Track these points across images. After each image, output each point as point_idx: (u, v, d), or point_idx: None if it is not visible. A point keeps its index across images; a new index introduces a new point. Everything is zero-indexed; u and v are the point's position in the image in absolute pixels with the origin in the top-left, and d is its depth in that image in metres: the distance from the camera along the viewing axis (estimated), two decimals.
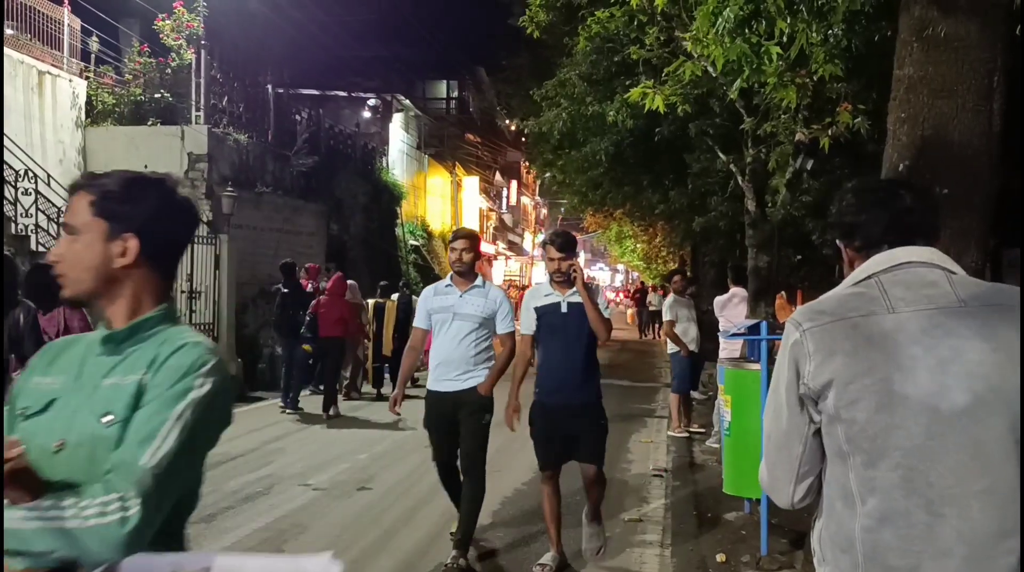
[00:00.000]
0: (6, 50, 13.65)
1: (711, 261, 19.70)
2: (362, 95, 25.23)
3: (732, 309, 8.77)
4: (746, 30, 5.74)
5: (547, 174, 20.38)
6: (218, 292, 14.52)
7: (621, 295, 46.88)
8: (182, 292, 13.78)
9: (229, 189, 14.93)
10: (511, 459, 8.36)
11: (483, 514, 6.35)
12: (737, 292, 8.97)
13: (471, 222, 33.69)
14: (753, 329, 5.87)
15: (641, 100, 6.87)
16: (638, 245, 36.68)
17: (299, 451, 8.76)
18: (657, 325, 23.86)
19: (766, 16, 5.62)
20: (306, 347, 11.18)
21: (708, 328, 9.99)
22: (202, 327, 14.22)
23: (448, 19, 46.08)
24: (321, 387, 11.56)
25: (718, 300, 9.08)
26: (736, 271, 9.35)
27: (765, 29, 5.72)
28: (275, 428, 10.09)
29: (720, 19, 5.62)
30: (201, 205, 14.88)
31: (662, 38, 8.50)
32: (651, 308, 24.51)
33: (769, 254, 9.89)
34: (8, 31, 13.95)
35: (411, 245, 25.08)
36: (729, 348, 7.87)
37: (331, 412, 10.70)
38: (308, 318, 11.24)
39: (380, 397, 12.64)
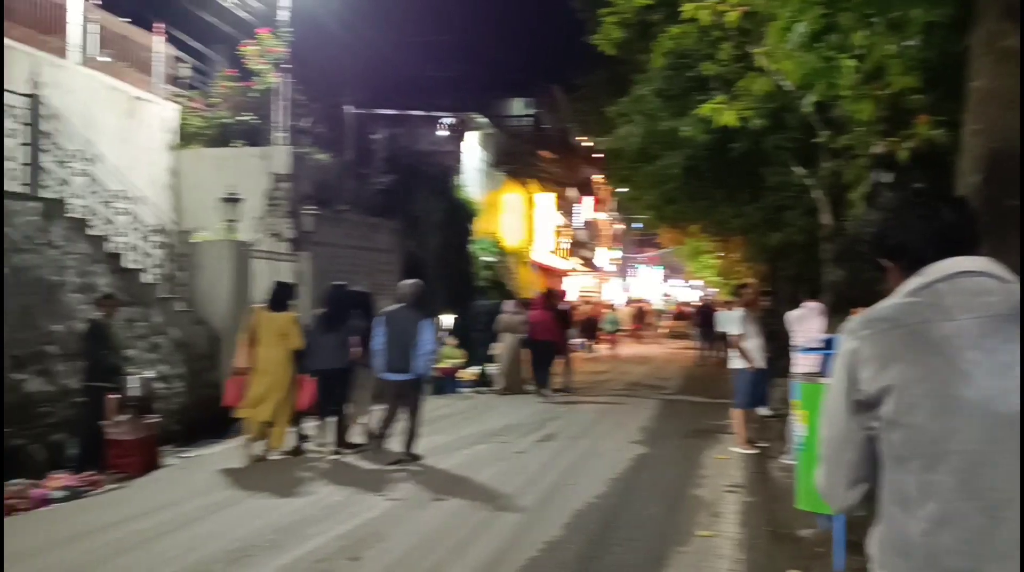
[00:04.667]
0: (103, 76, 14.37)
1: (787, 275, 19.40)
2: (438, 114, 25.64)
3: (806, 324, 8.66)
4: (820, 44, 5.73)
5: (621, 190, 20.42)
6: (299, 308, 14.93)
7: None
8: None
9: (310, 207, 15.38)
10: (582, 473, 8.41)
11: (554, 526, 6.44)
12: (812, 307, 8.85)
13: (545, 239, 33.78)
14: (828, 344, 5.82)
15: (712, 115, 6.90)
16: (714, 260, 36.30)
17: (373, 465, 8.94)
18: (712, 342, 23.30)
19: (840, 30, 5.61)
20: None
21: (781, 343, 9.86)
22: None
23: (524, 38, 46.55)
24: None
25: (791, 315, 8.97)
26: (811, 285, 9.23)
27: (839, 42, 5.71)
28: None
29: (793, 33, 5.63)
30: (283, 223, 15.37)
31: (735, 53, 8.51)
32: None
33: (845, 268, 9.74)
34: (104, 58, 14.68)
35: (485, 261, 25.30)
36: (803, 363, 7.77)
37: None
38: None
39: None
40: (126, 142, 14.70)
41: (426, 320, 8.71)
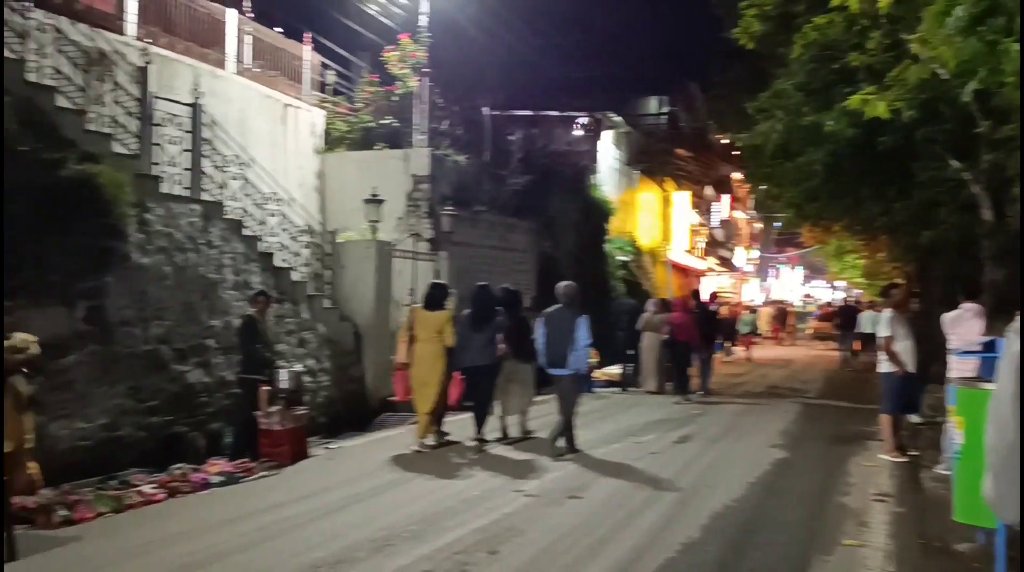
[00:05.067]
0: (257, 85, 15.15)
1: (939, 276, 18.35)
2: (573, 114, 25.67)
3: (963, 326, 8.17)
4: (981, 28, 5.41)
5: (761, 187, 19.85)
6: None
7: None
8: (405, 305, 14.62)
9: (449, 208, 15.71)
10: (720, 475, 8.24)
11: (692, 527, 6.34)
12: (969, 308, 8.34)
13: (681, 238, 33.28)
14: (988, 347, 5.48)
15: (862, 107, 6.62)
16: (859, 260, 34.75)
17: (510, 460, 9.06)
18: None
19: (1004, 12, 5.27)
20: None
21: (933, 347, 9.33)
22: None
23: (659, 36, 45.97)
24: None
25: (948, 317, 8.48)
26: (968, 286, 8.69)
27: (1002, 26, 5.36)
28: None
29: (951, 18, 5.33)
30: (423, 223, 15.76)
31: (885, 42, 8.13)
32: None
33: (1007, 266, 9.13)
34: (257, 69, 15.47)
35: (620, 261, 25.15)
36: (960, 367, 7.34)
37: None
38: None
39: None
40: (277, 147, 15.45)
41: (582, 318, 9.07)
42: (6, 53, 9.01)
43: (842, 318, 23.97)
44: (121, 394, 8.97)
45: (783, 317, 33.31)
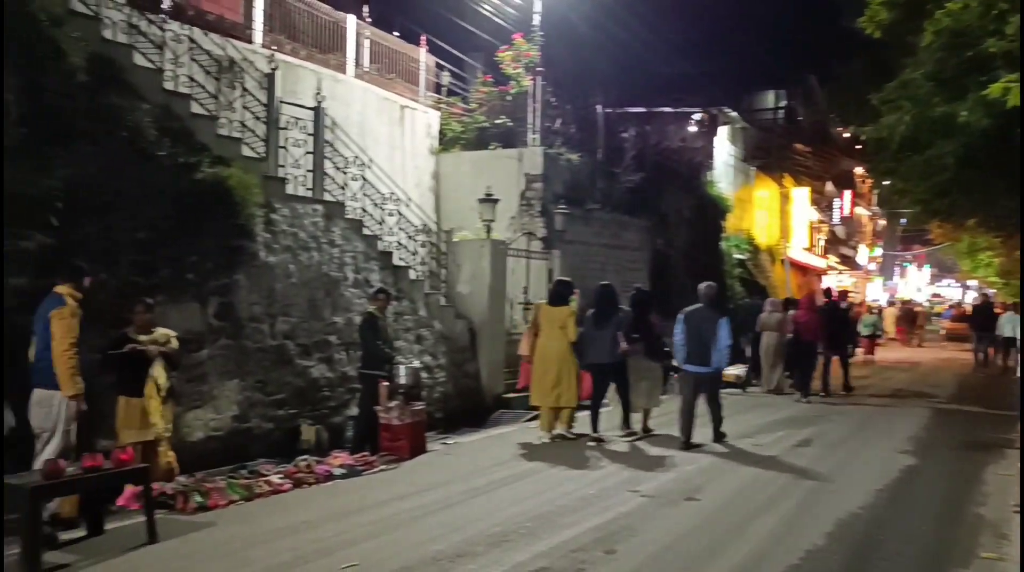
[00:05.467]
0: (375, 88, 15.54)
1: None
2: (687, 110, 25.30)
3: None
4: None
5: (885, 182, 19.09)
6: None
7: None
8: (519, 303, 14.74)
9: (562, 206, 15.74)
10: (843, 481, 7.97)
11: (815, 534, 6.16)
12: None
13: (800, 235, 32.33)
14: None
15: (1003, 96, 6.28)
16: (994, 258, 32.94)
17: (625, 459, 9.01)
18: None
19: None
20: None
21: None
22: None
23: (776, 28, 44.74)
24: None
25: None
26: None
27: None
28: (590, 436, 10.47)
29: None
30: (536, 222, 15.84)
31: None
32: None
33: None
34: (375, 72, 15.87)
35: (736, 259, 24.65)
36: None
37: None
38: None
39: None
40: (395, 148, 15.82)
41: (723, 318, 9.47)
42: (145, 63, 9.54)
43: (978, 319, 22.69)
44: (250, 387, 9.37)
45: (910, 318, 31.82)
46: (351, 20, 15.48)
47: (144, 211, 8.38)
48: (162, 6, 11.13)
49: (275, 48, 13.25)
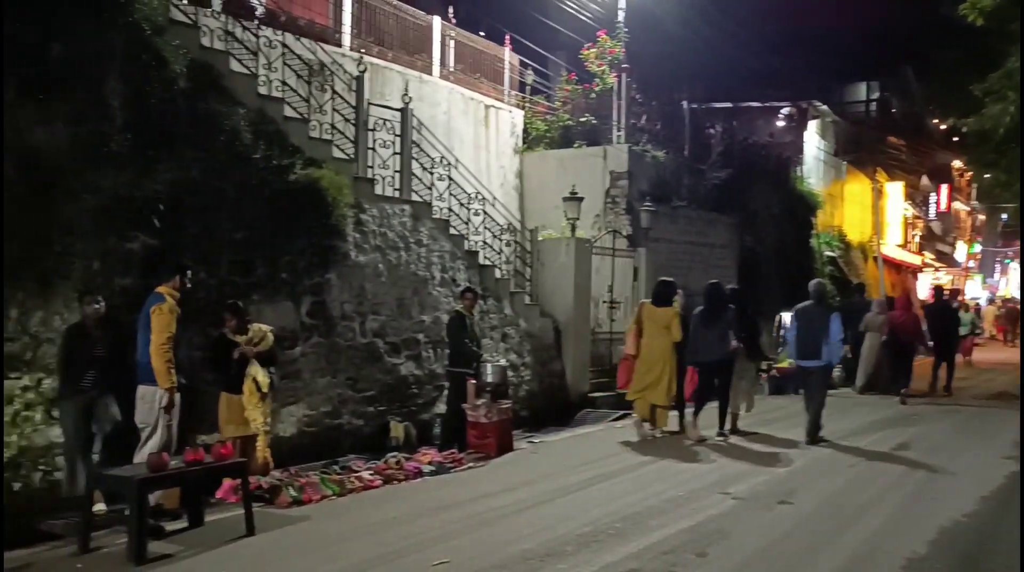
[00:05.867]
0: (461, 88, 15.67)
1: None
2: (776, 104, 24.76)
3: None
4: None
5: (987, 175, 18.35)
6: (635, 302, 15.21)
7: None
8: (604, 302, 14.68)
9: (647, 204, 15.60)
10: (945, 487, 7.69)
11: (916, 541, 5.95)
12: None
13: (894, 231, 31.29)
14: None
15: None
16: None
17: (715, 460, 8.88)
18: None
19: None
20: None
21: None
22: (621, 336, 15.02)
23: (869, 18, 43.37)
24: None
25: None
26: None
27: None
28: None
29: None
30: (621, 220, 15.74)
31: None
32: None
33: None
34: (460, 72, 16.00)
35: (827, 256, 24.01)
36: None
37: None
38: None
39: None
40: (479, 147, 15.92)
41: (834, 314, 9.83)
42: (241, 69, 9.82)
43: None
44: (341, 384, 9.57)
45: (1012, 317, 30.44)
46: (436, 21, 15.65)
47: (241, 212, 8.63)
48: (256, 13, 11.44)
49: (363, 51, 13.48)
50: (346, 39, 13.63)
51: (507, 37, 17.43)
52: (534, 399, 12.50)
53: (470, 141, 15.65)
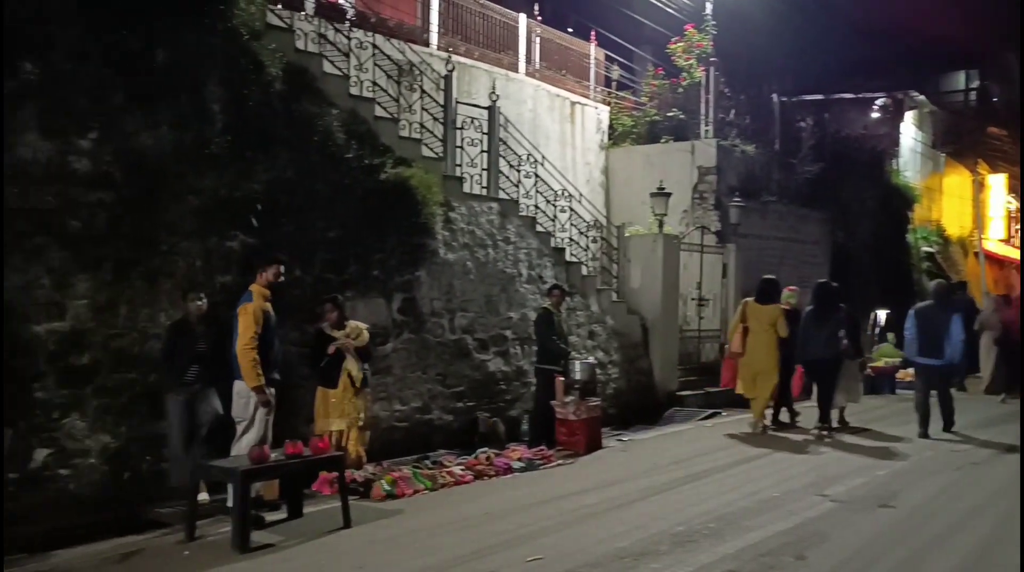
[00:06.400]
0: (547, 85, 15.67)
1: None
2: (870, 95, 24.00)
3: None
4: None
5: None
6: (724, 300, 14.99)
7: None
8: (692, 299, 14.49)
9: (736, 199, 15.33)
10: None
11: None
12: None
13: (996, 225, 30.02)
14: None
15: None
16: None
17: (812, 460, 8.68)
18: None
19: None
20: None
21: None
22: (710, 333, 14.81)
23: (968, 3, 41.67)
24: None
25: None
26: None
27: None
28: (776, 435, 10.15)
29: None
30: (709, 216, 15.50)
31: None
32: None
33: None
34: (546, 69, 16.00)
35: (924, 252, 23.19)
36: None
37: None
38: None
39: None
40: (565, 144, 15.89)
41: (956, 314, 9.97)
42: (334, 71, 10.00)
43: None
44: (431, 379, 9.68)
45: None
46: (522, 19, 15.67)
47: (334, 211, 8.81)
48: (347, 15, 11.65)
49: (450, 50, 13.60)
50: (434, 38, 13.77)
51: (592, 33, 17.34)
52: (622, 397, 12.42)
53: (556, 138, 15.64)
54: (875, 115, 24.23)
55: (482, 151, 12.05)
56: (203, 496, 6.68)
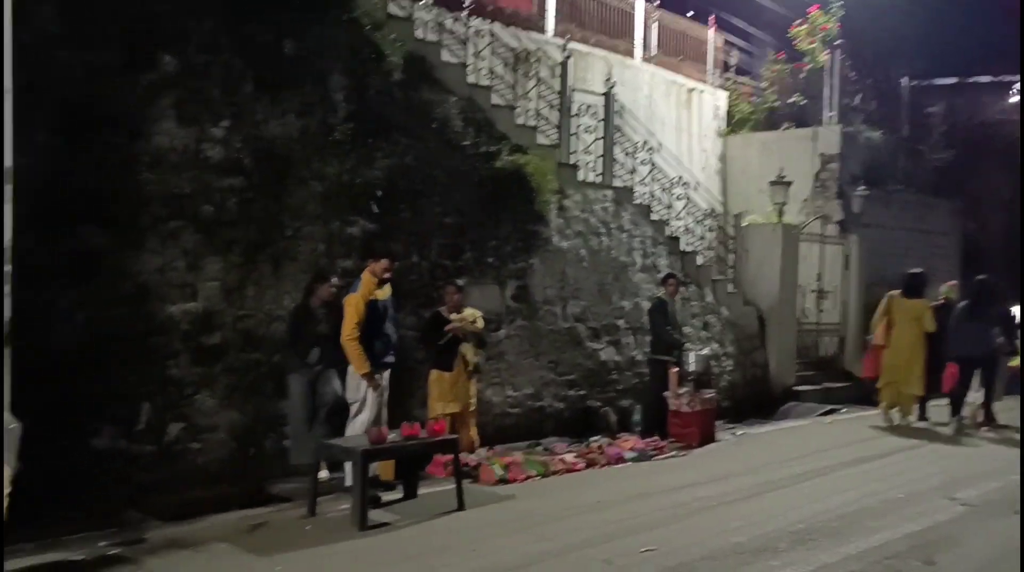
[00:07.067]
0: (663, 71, 15.43)
1: None
2: (1008, 78, 22.64)
3: None
4: None
5: None
6: (846, 292, 14.48)
7: None
8: (812, 291, 14.05)
9: (860, 188, 14.76)
10: None
11: None
12: None
13: None
14: None
15: None
16: None
17: (943, 461, 8.30)
18: None
19: None
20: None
21: None
22: (829, 327, 14.34)
23: None
24: None
25: None
26: None
27: None
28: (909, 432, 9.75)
29: None
30: (831, 205, 14.98)
31: None
32: None
33: None
34: (663, 55, 15.75)
35: None
36: None
37: None
38: None
39: None
40: (682, 131, 15.61)
41: None
42: (452, 59, 10.12)
43: None
44: (543, 367, 9.70)
45: None
46: (639, 4, 15.45)
47: (451, 197, 8.92)
48: (464, 4, 11.74)
49: (566, 37, 13.54)
50: (550, 25, 13.72)
51: (711, 17, 16.94)
52: (736, 390, 12.18)
53: (672, 124, 15.38)
54: (1014, 99, 22.84)
55: (597, 138, 11.98)
56: (323, 474, 6.88)
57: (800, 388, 12.87)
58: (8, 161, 5.57)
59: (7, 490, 4.48)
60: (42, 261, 6.02)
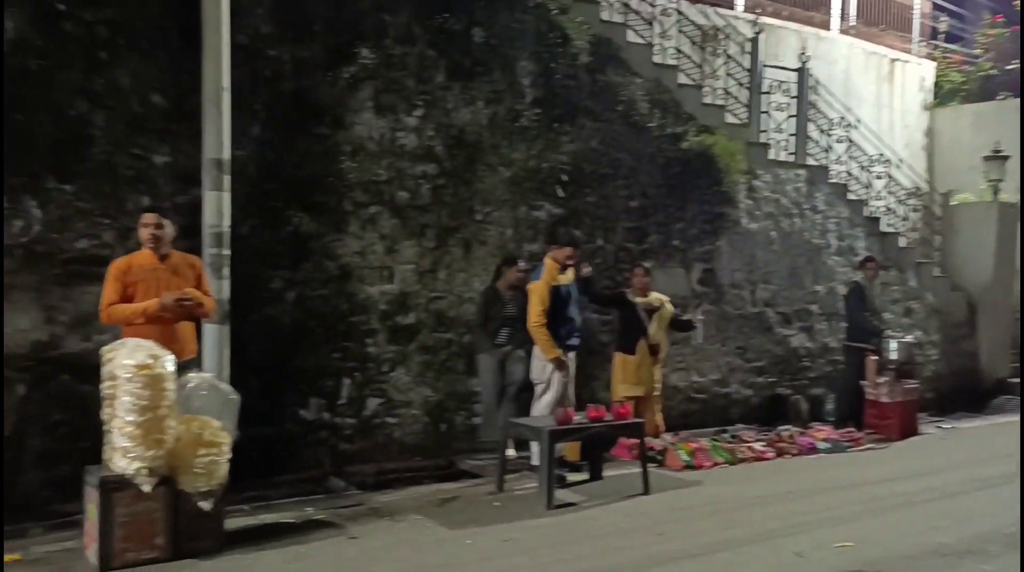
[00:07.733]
0: (861, 43, 14.60)
1: None
2: None
3: None
4: None
5: None
6: None
7: None
8: None
9: None
10: None
11: None
12: None
13: None
14: None
15: None
16: None
17: None
18: None
19: None
20: None
21: None
22: None
23: None
24: None
25: None
26: None
27: None
28: None
29: None
30: None
31: None
32: None
33: None
34: (863, 25, 14.88)
35: None
36: None
37: None
38: None
39: None
40: (882, 106, 14.73)
41: None
42: (637, 39, 9.98)
43: None
44: (730, 352, 9.49)
45: None
46: None
47: (636, 180, 8.87)
48: None
49: (757, 11, 13.06)
50: (739, 0, 13.30)
51: None
52: (941, 381, 11.41)
53: (871, 99, 14.52)
54: None
55: (789, 116, 11.50)
56: (510, 452, 7.07)
57: (1014, 381, 11.89)
58: (227, 153, 6.14)
59: (227, 456, 4.92)
60: (257, 245, 6.52)
